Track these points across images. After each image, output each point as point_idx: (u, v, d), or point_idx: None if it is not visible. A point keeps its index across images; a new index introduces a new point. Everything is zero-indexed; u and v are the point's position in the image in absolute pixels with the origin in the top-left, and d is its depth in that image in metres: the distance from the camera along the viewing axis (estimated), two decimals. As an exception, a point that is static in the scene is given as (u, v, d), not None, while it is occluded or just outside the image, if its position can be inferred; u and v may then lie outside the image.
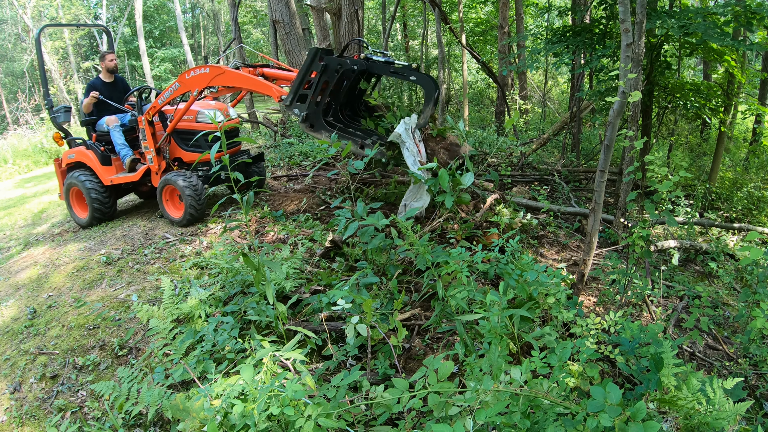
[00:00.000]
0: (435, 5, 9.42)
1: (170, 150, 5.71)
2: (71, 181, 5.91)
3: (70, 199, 6.13)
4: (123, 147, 5.79)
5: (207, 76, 4.92)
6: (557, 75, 20.49)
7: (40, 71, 6.17)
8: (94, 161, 5.80)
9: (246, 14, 21.16)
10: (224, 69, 4.80)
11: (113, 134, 5.80)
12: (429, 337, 3.41)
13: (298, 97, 4.25)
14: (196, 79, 5.02)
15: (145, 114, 5.42)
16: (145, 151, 5.59)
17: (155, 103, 5.38)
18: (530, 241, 5.13)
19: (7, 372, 3.61)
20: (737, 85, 8.28)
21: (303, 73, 4.15)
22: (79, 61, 28.76)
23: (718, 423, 2.14)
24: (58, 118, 6.11)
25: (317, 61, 4.11)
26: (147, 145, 5.52)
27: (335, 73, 4.14)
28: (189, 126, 5.51)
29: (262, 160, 6.25)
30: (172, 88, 5.22)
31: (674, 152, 10.35)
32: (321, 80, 4.14)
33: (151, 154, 5.54)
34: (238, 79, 4.80)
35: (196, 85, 5.05)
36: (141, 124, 5.46)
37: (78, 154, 5.95)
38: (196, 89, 5.08)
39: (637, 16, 4.53)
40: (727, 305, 4.42)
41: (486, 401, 1.94)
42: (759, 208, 7.34)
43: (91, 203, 5.82)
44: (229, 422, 2.32)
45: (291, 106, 4.26)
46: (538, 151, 10.10)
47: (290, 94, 4.23)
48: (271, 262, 3.43)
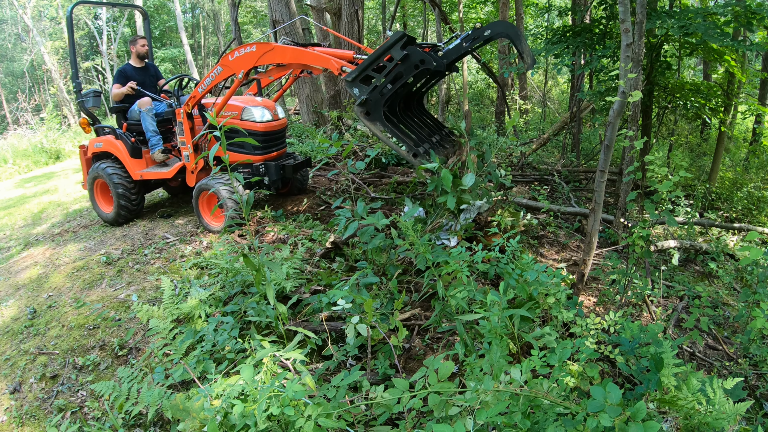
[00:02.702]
0: (435, 5, 9.42)
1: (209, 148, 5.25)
2: (97, 172, 5.52)
3: (94, 192, 5.74)
4: (154, 135, 5.37)
5: (254, 54, 4.43)
6: (557, 75, 20.49)
7: (70, 52, 5.66)
8: (123, 152, 5.39)
9: (246, 14, 21.16)
10: (273, 45, 4.37)
11: (144, 119, 5.35)
12: (429, 337, 3.41)
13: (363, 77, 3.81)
14: (242, 59, 4.52)
15: (185, 105, 4.98)
16: (181, 146, 5.16)
17: (195, 92, 4.95)
18: (530, 241, 5.13)
19: (7, 372, 3.61)
20: (737, 85, 8.29)
21: (379, 53, 3.70)
22: (79, 61, 28.75)
23: (718, 423, 2.14)
24: (86, 103, 5.65)
25: (399, 48, 3.64)
26: (184, 141, 5.08)
27: (414, 67, 3.69)
28: (232, 122, 4.94)
29: (309, 165, 5.81)
30: (214, 73, 4.75)
31: (674, 152, 10.35)
32: (396, 69, 3.72)
33: (188, 151, 5.10)
34: (290, 53, 4.31)
35: (242, 67, 4.53)
36: (179, 116, 5.02)
37: (106, 143, 5.51)
38: (242, 71, 4.55)
39: (637, 16, 4.53)
40: (727, 305, 4.42)
41: (486, 401, 1.94)
42: (759, 208, 7.34)
43: (117, 198, 5.43)
44: (229, 422, 2.32)
45: (353, 83, 3.79)
46: (538, 151, 10.11)
47: (357, 70, 3.79)
48: (271, 263, 3.43)
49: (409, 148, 3.85)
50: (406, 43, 3.69)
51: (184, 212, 6.10)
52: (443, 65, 3.81)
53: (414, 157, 3.83)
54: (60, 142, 13.45)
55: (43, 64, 24.39)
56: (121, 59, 30.65)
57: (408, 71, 3.72)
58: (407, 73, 3.73)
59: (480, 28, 3.86)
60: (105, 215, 5.76)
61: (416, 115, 4.62)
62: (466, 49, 3.90)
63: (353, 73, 3.84)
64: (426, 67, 3.67)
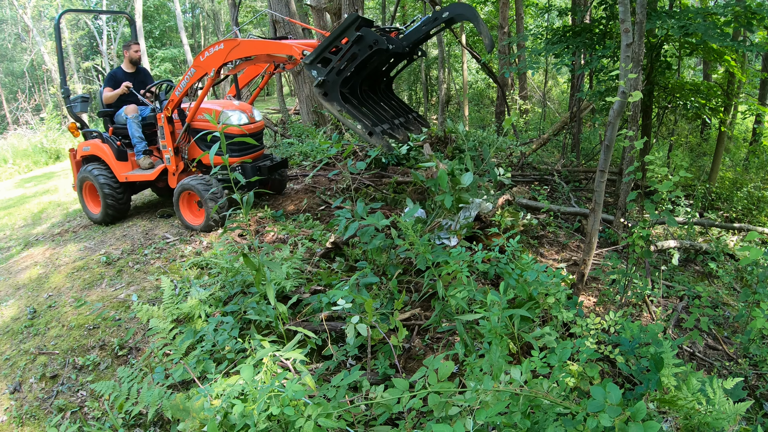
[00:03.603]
0: (435, 5, 9.43)
1: (189, 150, 5.48)
2: (85, 174, 5.71)
3: (83, 193, 5.95)
4: (140, 141, 5.57)
5: (222, 51, 4.64)
6: (557, 75, 20.50)
7: (58, 59, 5.86)
8: (109, 156, 5.58)
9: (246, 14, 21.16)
10: (239, 40, 4.57)
11: (130, 125, 5.54)
12: (429, 337, 3.41)
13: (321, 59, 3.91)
14: (212, 57, 4.72)
15: (164, 110, 5.18)
16: (162, 150, 5.37)
17: (173, 96, 5.09)
18: (530, 241, 5.13)
19: (7, 372, 3.61)
20: (737, 85, 8.29)
21: (335, 36, 3.81)
22: (79, 61, 28.76)
23: (718, 423, 2.14)
24: (74, 108, 5.86)
25: (353, 29, 3.74)
26: (165, 144, 5.29)
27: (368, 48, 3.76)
28: (210, 126, 5.15)
29: (286, 166, 5.96)
30: (189, 75, 4.92)
31: (674, 152, 10.35)
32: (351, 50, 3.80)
33: (169, 154, 5.32)
34: (254, 46, 4.54)
35: (213, 65, 4.74)
36: (160, 121, 5.23)
37: (93, 147, 5.73)
38: (213, 69, 4.76)
39: (637, 16, 4.53)
40: (727, 305, 4.42)
41: (486, 401, 1.93)
42: (759, 208, 7.35)
43: (104, 199, 5.64)
44: (229, 422, 2.32)
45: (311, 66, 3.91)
46: (538, 151, 10.11)
47: (314, 53, 3.90)
48: (271, 262, 3.43)
49: (365, 127, 3.88)
50: (361, 25, 3.77)
51: (184, 212, 6.10)
52: (402, 47, 3.94)
53: (369, 135, 3.86)
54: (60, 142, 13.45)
55: (43, 64, 24.40)
56: (121, 59, 30.59)
57: (362, 52, 3.78)
58: (361, 53, 3.79)
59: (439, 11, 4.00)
60: (93, 216, 5.96)
61: (383, 98, 4.71)
62: (426, 31, 4.03)
63: (311, 55, 3.91)
64: (379, 48, 3.73)
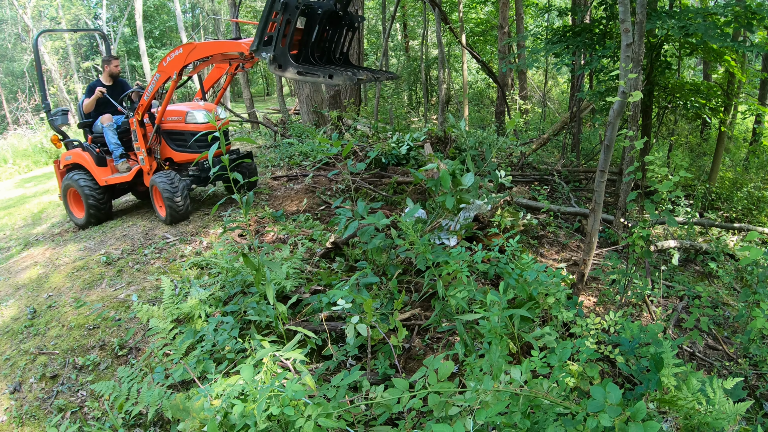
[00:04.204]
0: (435, 5, 9.42)
1: (161, 150, 5.86)
2: (68, 182, 6.04)
3: (67, 200, 6.28)
4: (117, 147, 5.92)
5: (182, 55, 4.99)
6: (557, 75, 20.50)
7: (38, 76, 6.30)
8: (89, 162, 5.93)
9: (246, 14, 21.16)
10: (195, 44, 4.96)
11: (106, 132, 5.91)
12: (429, 337, 3.41)
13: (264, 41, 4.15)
14: (174, 62, 5.07)
15: (135, 114, 5.52)
16: (137, 151, 5.73)
17: (142, 100, 5.44)
18: (530, 241, 5.13)
19: (7, 372, 3.61)
20: (737, 85, 8.29)
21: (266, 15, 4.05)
22: (79, 61, 28.76)
23: (718, 423, 2.14)
24: (55, 121, 6.25)
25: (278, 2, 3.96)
26: (138, 146, 5.65)
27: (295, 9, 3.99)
28: (178, 126, 5.63)
29: (251, 158, 6.39)
30: (155, 80, 5.25)
31: (674, 152, 10.35)
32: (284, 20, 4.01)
33: (143, 155, 5.69)
34: (208, 47, 4.93)
35: (174, 68, 5.09)
36: (132, 125, 5.59)
37: (74, 155, 6.09)
38: (175, 72, 5.10)
39: (637, 16, 4.53)
40: (727, 305, 4.42)
41: (486, 401, 1.94)
42: (759, 208, 7.35)
43: (87, 203, 5.93)
44: (229, 422, 2.32)
45: (258, 51, 4.16)
46: (538, 151, 10.11)
47: (255, 38, 4.16)
48: (271, 262, 3.43)
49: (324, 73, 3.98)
50: None
51: (184, 212, 6.10)
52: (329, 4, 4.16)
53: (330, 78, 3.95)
54: (60, 142, 13.44)
55: (43, 64, 24.39)
56: (121, 59, 30.61)
57: (293, 15, 3.98)
58: (293, 16, 3.99)
59: None
60: (77, 220, 6.25)
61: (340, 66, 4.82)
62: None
63: (254, 41, 4.16)
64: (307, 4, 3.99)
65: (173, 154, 5.77)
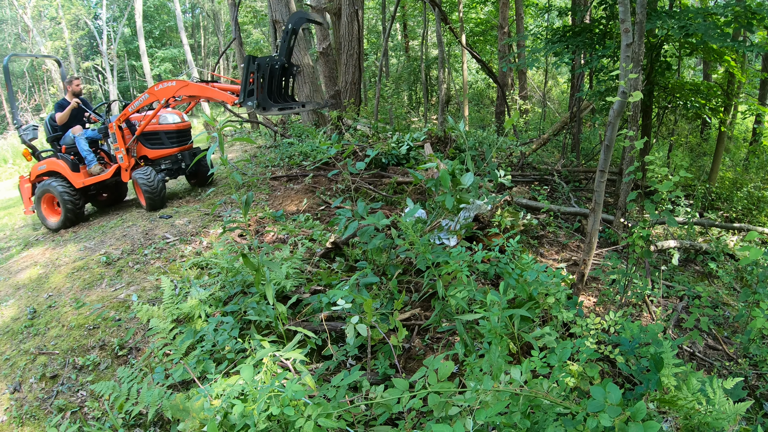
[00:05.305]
0: (435, 5, 9.42)
1: (137, 150, 6.67)
2: (44, 188, 6.48)
3: (40, 207, 6.68)
4: (89, 153, 6.57)
5: (173, 88, 5.89)
6: (557, 75, 20.50)
7: (9, 95, 7.00)
8: (65, 168, 6.52)
9: (246, 14, 21.16)
10: (188, 82, 5.83)
11: (78, 141, 6.56)
12: (429, 337, 3.40)
13: (246, 94, 5.24)
14: (164, 90, 5.94)
15: (116, 120, 6.35)
16: (115, 151, 6.52)
17: (126, 110, 6.26)
18: (530, 241, 5.13)
19: (7, 372, 3.61)
20: (737, 85, 8.29)
21: (245, 76, 5.23)
22: (79, 61, 28.77)
23: (718, 423, 2.14)
24: (26, 136, 6.86)
25: (253, 64, 5.19)
26: (118, 146, 6.45)
27: (267, 65, 5.28)
28: (152, 128, 6.54)
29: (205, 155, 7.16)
30: (143, 98, 6.15)
31: (674, 152, 10.35)
32: (258, 76, 5.22)
33: (122, 154, 6.47)
34: (199, 89, 5.81)
35: (164, 95, 5.99)
36: (112, 129, 6.41)
37: (49, 164, 6.63)
38: (164, 98, 6.02)
39: (637, 16, 4.53)
40: (727, 305, 4.42)
41: (486, 401, 1.94)
42: (759, 208, 7.34)
43: (63, 205, 6.38)
44: (229, 422, 2.32)
45: (245, 102, 5.23)
46: (538, 151, 10.11)
47: (241, 94, 5.27)
48: (270, 263, 3.43)
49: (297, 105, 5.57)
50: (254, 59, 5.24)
51: (184, 212, 6.11)
52: (282, 60, 5.42)
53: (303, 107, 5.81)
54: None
55: (43, 64, 24.40)
56: (121, 59, 30.65)
57: (265, 71, 5.29)
58: (266, 71, 5.29)
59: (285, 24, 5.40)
60: (52, 224, 6.59)
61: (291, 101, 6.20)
62: (286, 46, 5.38)
63: (240, 96, 5.29)
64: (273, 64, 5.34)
65: (148, 151, 6.60)
